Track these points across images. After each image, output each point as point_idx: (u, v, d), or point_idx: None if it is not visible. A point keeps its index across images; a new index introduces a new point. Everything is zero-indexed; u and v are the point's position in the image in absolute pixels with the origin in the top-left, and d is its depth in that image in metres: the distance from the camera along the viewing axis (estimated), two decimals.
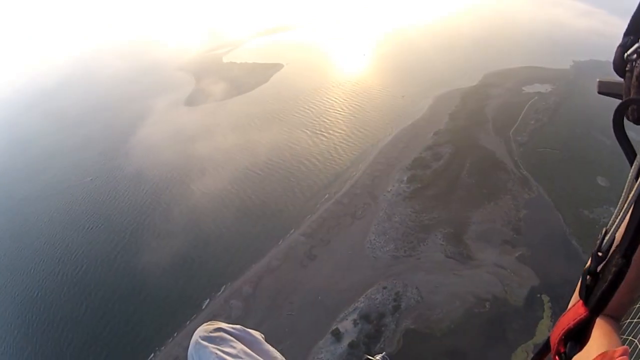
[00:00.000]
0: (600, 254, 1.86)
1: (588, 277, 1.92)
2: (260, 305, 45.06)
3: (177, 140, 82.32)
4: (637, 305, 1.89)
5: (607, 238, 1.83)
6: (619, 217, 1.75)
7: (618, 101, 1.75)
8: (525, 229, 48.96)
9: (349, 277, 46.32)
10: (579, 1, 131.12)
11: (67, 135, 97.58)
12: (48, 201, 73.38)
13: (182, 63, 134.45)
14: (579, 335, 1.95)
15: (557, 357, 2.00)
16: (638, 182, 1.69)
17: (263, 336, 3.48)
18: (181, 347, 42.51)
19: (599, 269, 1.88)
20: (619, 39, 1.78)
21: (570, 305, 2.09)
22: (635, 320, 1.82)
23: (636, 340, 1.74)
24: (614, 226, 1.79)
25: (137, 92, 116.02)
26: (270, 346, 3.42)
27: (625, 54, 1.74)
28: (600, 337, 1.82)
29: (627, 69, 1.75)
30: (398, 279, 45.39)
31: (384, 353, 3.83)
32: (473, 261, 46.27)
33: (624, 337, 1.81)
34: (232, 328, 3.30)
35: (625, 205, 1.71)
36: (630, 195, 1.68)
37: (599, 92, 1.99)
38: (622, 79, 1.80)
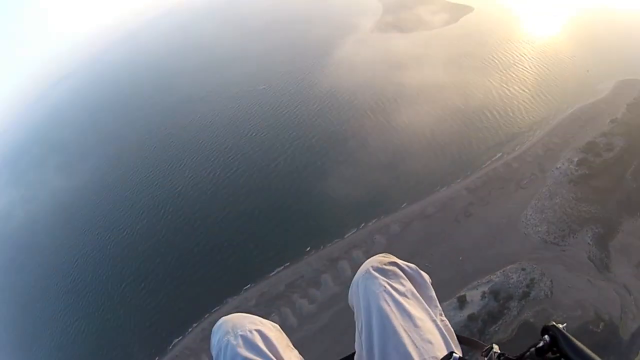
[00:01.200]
0: None
1: None
2: (402, 247, 41.63)
3: (357, 62, 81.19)
4: None
5: None
6: None
7: None
8: None
9: (496, 246, 42.50)
10: None
11: (247, 42, 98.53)
12: (212, 104, 73.62)
13: None
14: None
15: None
16: None
17: (431, 281, 2.97)
18: (310, 268, 38.55)
19: None
20: None
21: None
22: None
23: None
24: None
25: (324, 10, 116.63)
26: (435, 294, 2.94)
27: None
28: None
29: None
30: (539, 265, 41.64)
31: (565, 324, 2.95)
32: (609, 273, 43.50)
33: None
34: (406, 265, 2.93)
35: None
36: None
37: None
38: None
